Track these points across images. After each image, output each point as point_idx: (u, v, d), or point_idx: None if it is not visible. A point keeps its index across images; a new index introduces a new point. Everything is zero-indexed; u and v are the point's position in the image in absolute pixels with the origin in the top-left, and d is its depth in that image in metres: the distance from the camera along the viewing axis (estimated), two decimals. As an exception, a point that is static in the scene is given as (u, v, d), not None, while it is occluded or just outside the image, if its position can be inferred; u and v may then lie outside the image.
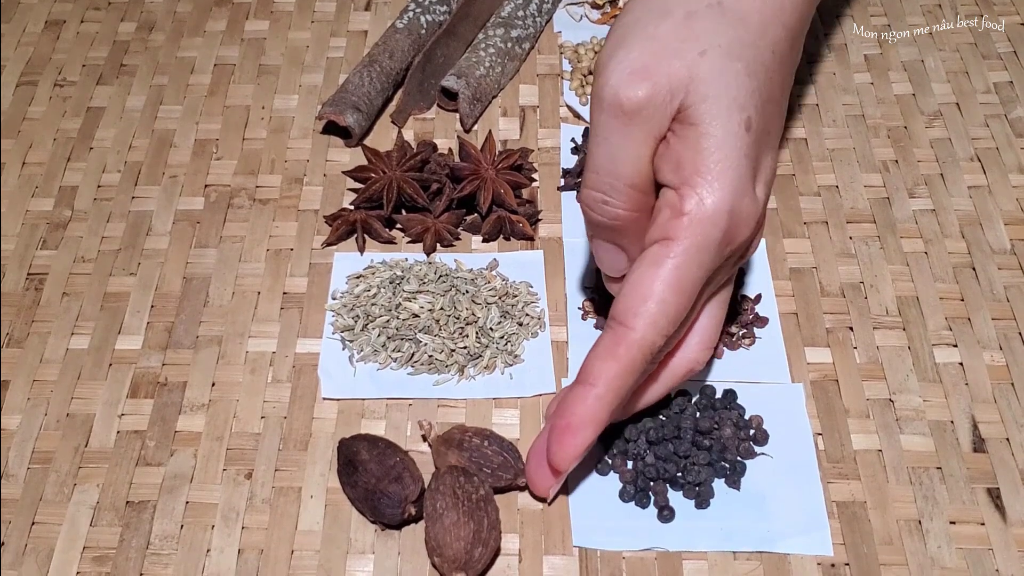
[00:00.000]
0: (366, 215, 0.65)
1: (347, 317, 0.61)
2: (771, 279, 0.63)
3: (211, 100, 0.75)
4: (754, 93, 0.49)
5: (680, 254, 0.48)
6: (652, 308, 0.49)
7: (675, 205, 0.49)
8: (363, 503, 0.53)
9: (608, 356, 0.50)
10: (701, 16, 0.50)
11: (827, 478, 0.55)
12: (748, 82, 0.49)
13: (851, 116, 0.73)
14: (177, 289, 0.64)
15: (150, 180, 0.70)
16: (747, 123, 0.48)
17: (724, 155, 0.48)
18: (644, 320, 0.49)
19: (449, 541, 0.50)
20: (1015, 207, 0.67)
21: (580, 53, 0.76)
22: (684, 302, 0.49)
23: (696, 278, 0.49)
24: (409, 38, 0.74)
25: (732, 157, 0.48)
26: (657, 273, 0.49)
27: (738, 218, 0.49)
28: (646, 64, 0.48)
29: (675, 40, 0.49)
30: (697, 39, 0.49)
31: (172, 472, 0.56)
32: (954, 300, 0.62)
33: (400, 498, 0.52)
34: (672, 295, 0.49)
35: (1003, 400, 0.58)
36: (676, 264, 0.48)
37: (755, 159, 0.49)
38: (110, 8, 0.82)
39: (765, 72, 0.50)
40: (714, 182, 0.48)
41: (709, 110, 0.48)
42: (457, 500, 0.51)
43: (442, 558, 0.50)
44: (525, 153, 0.68)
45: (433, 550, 0.51)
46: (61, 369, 0.60)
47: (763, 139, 0.50)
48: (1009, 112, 0.73)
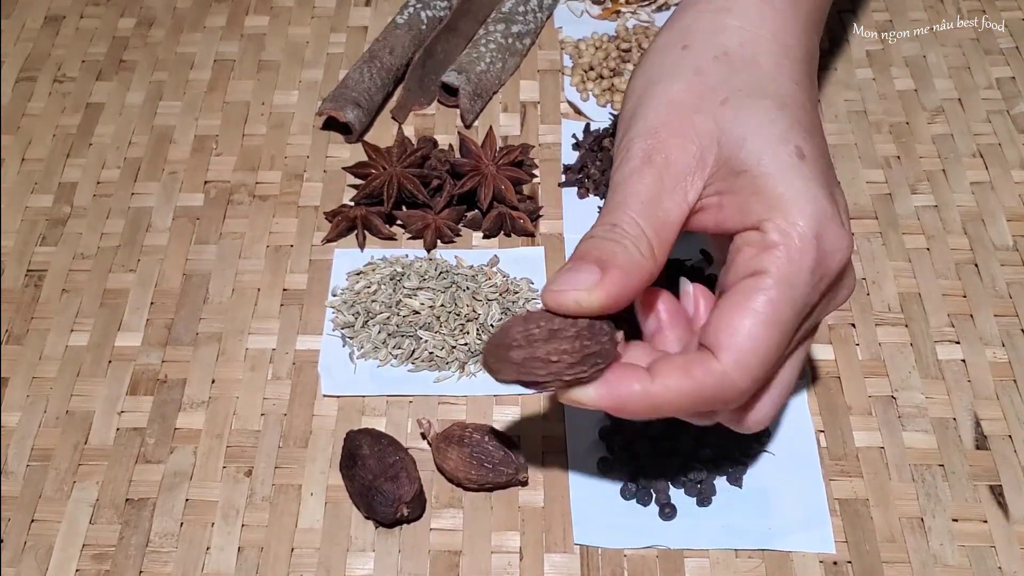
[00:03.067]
0: (366, 211, 0.65)
1: (347, 314, 0.61)
2: (773, 275, 0.63)
3: (211, 96, 0.75)
4: (793, 124, 0.46)
5: (772, 286, 0.44)
6: (742, 343, 0.44)
7: (758, 241, 0.45)
8: (359, 498, 0.53)
9: (682, 372, 0.44)
10: (710, 69, 0.48)
11: (829, 475, 0.55)
12: (781, 115, 0.46)
13: (853, 112, 0.72)
14: (177, 286, 0.63)
15: (150, 176, 0.69)
16: (798, 152, 0.45)
17: (790, 184, 0.45)
18: (731, 355, 0.44)
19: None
20: (1017, 203, 0.67)
21: (581, 49, 0.76)
22: (777, 340, 0.44)
23: (790, 314, 0.44)
24: (409, 34, 0.74)
25: (799, 184, 0.45)
26: (748, 307, 0.44)
27: (827, 245, 0.44)
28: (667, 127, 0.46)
29: (692, 97, 0.47)
30: (714, 90, 0.47)
31: (172, 469, 0.56)
32: (956, 296, 0.62)
33: (394, 497, 0.52)
34: (765, 331, 0.44)
35: (1005, 397, 0.58)
36: (769, 297, 0.44)
37: (825, 186, 0.46)
38: (109, 4, 0.82)
39: (795, 103, 0.47)
40: (792, 209, 0.44)
41: (752, 150, 0.45)
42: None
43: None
44: (526, 149, 0.68)
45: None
46: (60, 366, 0.60)
47: (824, 169, 0.46)
48: (1012, 108, 0.72)
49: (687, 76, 0.48)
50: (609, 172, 0.63)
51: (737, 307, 0.44)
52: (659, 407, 0.45)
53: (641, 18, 0.79)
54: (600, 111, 0.72)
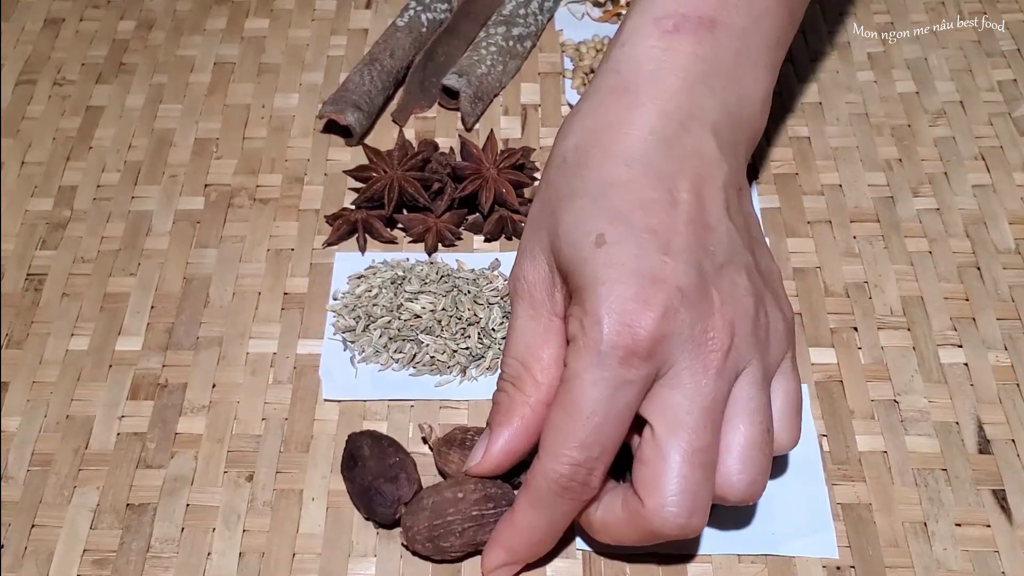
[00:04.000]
0: (367, 215, 0.65)
1: (348, 318, 0.61)
2: (775, 279, 0.63)
3: (211, 99, 0.74)
4: (599, 213, 0.47)
5: (567, 376, 0.46)
6: (548, 435, 0.46)
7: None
8: (359, 499, 0.53)
9: (524, 486, 0.48)
10: (554, 179, 0.50)
11: (832, 480, 0.55)
12: (591, 207, 0.48)
13: (854, 114, 0.72)
14: (177, 290, 0.63)
15: (150, 180, 0.69)
16: (598, 240, 0.46)
17: (583, 274, 0.46)
18: (544, 449, 0.46)
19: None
20: (1020, 206, 0.67)
21: (582, 51, 0.76)
22: (582, 424, 0.45)
23: (592, 397, 0.45)
24: (410, 36, 0.74)
25: (590, 271, 0.46)
26: (556, 401, 0.47)
27: (623, 308, 0.45)
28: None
29: (538, 212, 0.51)
30: (551, 201, 0.50)
31: (172, 474, 0.56)
32: (959, 300, 0.62)
33: (393, 499, 0.52)
34: (565, 417, 0.45)
35: (1008, 401, 0.58)
36: (565, 387, 0.46)
37: (630, 264, 0.46)
38: (109, 6, 0.82)
39: (620, 186, 0.48)
40: (584, 296, 0.46)
41: (563, 250, 0.48)
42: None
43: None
44: (527, 152, 0.68)
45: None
46: (61, 370, 0.60)
47: (637, 248, 0.46)
48: (1013, 110, 0.72)
49: (540, 190, 0.51)
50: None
51: (553, 405, 0.47)
52: (528, 531, 0.49)
53: (642, 20, 0.78)
54: (601, 114, 0.72)
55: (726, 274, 0.48)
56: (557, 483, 0.46)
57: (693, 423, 0.46)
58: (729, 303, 0.47)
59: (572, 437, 0.45)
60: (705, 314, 0.46)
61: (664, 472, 0.46)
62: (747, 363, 0.48)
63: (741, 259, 0.49)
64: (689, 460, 0.45)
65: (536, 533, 0.49)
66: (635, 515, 0.47)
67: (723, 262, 0.48)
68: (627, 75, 0.51)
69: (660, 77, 0.50)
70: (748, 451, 0.47)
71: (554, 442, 0.46)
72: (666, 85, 0.50)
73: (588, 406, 0.45)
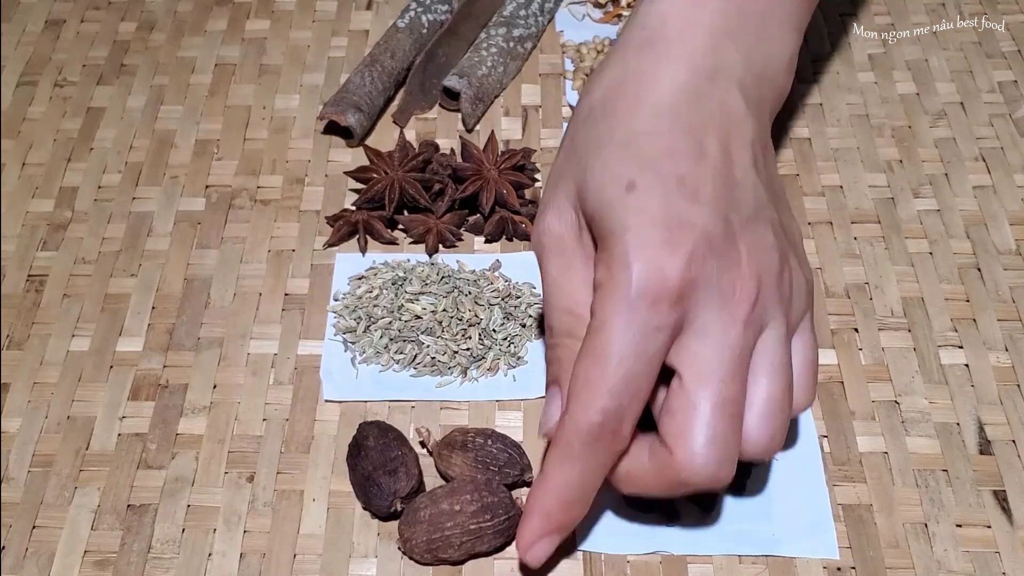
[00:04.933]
0: (368, 216, 0.65)
1: (349, 319, 0.61)
2: (775, 280, 0.63)
3: (212, 100, 0.74)
4: (629, 159, 0.47)
5: (595, 324, 0.45)
6: (577, 385, 0.45)
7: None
8: (359, 488, 0.53)
9: (553, 443, 0.47)
10: (579, 132, 0.50)
11: (833, 481, 0.55)
12: (620, 155, 0.47)
13: (855, 116, 0.72)
14: (178, 290, 0.63)
15: (151, 181, 0.69)
16: (629, 185, 0.46)
17: (613, 219, 0.46)
18: (573, 398, 0.46)
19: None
20: (1020, 207, 0.67)
21: (582, 52, 0.76)
22: (612, 370, 0.44)
23: (622, 342, 0.44)
24: (411, 37, 0.74)
25: (619, 216, 0.46)
26: (583, 349, 0.46)
27: (652, 253, 0.45)
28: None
29: (563, 163, 0.51)
30: (575, 152, 0.50)
31: (173, 475, 0.56)
32: (959, 301, 0.62)
33: (390, 491, 0.52)
34: (594, 365, 0.45)
35: (1009, 402, 0.58)
36: (593, 335, 0.45)
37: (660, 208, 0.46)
38: (110, 7, 0.82)
39: (648, 135, 0.48)
40: (611, 242, 0.45)
41: (591, 198, 0.47)
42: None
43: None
44: (528, 153, 0.68)
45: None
46: (62, 371, 0.60)
47: (667, 192, 0.46)
48: (1014, 111, 0.72)
49: (565, 143, 0.51)
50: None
51: (577, 357, 0.46)
52: (562, 491, 0.48)
53: (643, 22, 0.78)
54: (602, 115, 0.72)
55: (752, 228, 0.47)
56: (589, 432, 0.45)
57: (723, 373, 0.45)
58: (755, 256, 0.47)
59: (603, 384, 0.45)
60: (732, 264, 0.46)
61: (694, 422, 0.45)
62: (772, 318, 0.47)
63: (767, 214, 0.49)
64: (719, 410, 0.45)
65: (570, 491, 0.47)
66: (663, 466, 0.46)
67: (749, 216, 0.48)
68: (654, 30, 0.50)
69: (687, 32, 0.50)
70: (770, 406, 0.47)
71: (584, 391, 0.45)
72: (693, 39, 0.50)
73: (618, 352, 0.44)
